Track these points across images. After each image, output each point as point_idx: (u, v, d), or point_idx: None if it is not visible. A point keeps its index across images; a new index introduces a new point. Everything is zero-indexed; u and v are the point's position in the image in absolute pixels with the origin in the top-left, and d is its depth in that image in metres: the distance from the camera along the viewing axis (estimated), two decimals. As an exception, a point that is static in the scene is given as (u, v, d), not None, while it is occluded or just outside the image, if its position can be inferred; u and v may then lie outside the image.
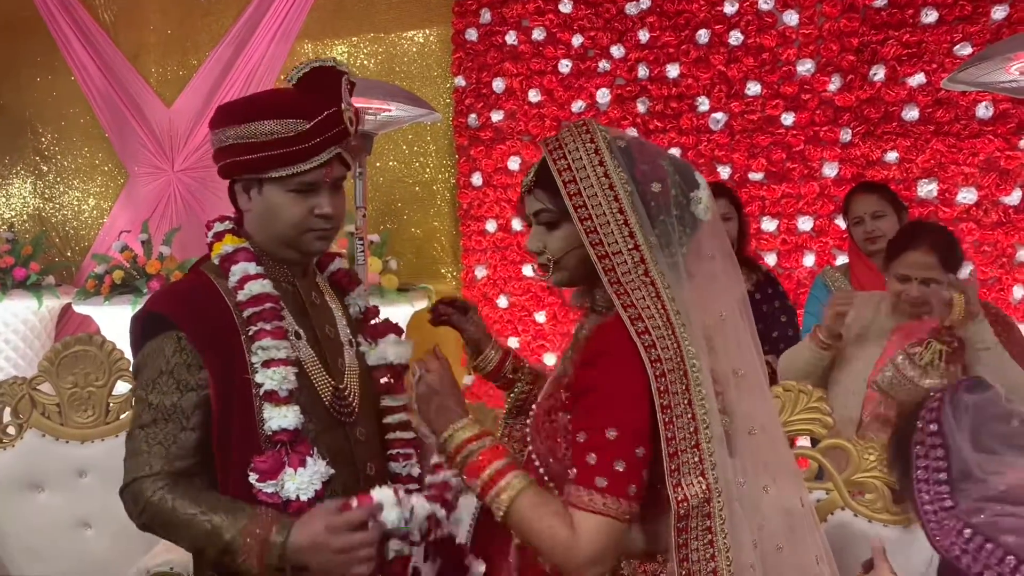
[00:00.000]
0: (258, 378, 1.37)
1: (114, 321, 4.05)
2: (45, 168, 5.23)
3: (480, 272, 4.52)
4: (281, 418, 1.38)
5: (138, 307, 3.97)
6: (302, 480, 1.36)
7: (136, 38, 5.01)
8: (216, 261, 1.46)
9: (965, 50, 3.67)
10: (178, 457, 1.38)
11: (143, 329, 1.43)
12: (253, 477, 1.35)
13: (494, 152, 4.44)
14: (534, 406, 1.38)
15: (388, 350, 1.56)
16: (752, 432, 1.28)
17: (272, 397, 1.38)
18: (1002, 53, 2.63)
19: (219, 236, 1.49)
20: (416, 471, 1.57)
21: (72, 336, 2.69)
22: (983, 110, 3.69)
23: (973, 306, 2.24)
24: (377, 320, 1.63)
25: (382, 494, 1.30)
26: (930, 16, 3.74)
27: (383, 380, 1.57)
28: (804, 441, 2.44)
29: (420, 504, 1.34)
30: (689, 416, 1.20)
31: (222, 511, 1.33)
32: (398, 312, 4.13)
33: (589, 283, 1.34)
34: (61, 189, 5.22)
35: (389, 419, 1.57)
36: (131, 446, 1.41)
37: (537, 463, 1.34)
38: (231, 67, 4.76)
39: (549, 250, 1.34)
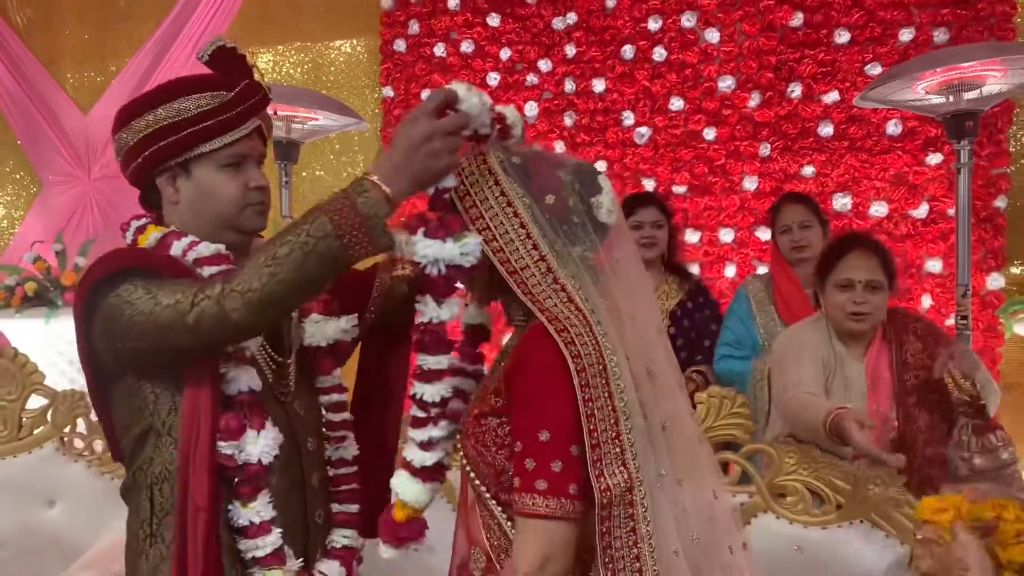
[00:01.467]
0: None
1: (27, 334, 3.90)
2: (-48, 176, 5.02)
3: (408, 283, 4.50)
4: (248, 379, 1.35)
5: (54, 321, 3.80)
6: (264, 444, 1.34)
7: (51, 42, 4.85)
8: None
9: (875, 69, 3.84)
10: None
11: (98, 297, 1.31)
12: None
13: (423, 163, 4.43)
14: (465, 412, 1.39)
15: (323, 328, 1.52)
16: (665, 427, 1.31)
17: (239, 355, 1.34)
18: (909, 73, 2.77)
19: (141, 230, 1.43)
20: (350, 454, 1.56)
21: (-18, 349, 2.59)
22: (893, 127, 3.86)
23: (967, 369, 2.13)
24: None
25: (453, 87, 1.25)
26: (843, 37, 3.90)
27: (318, 359, 1.54)
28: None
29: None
30: (610, 408, 1.22)
31: (287, 231, 1.23)
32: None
33: (506, 298, 1.36)
34: (-31, 198, 5.02)
35: (323, 399, 1.55)
36: (165, 310, 1.25)
37: (467, 466, 1.36)
38: (151, 74, 4.64)
39: None
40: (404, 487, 1.35)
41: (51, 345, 3.90)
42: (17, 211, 4.96)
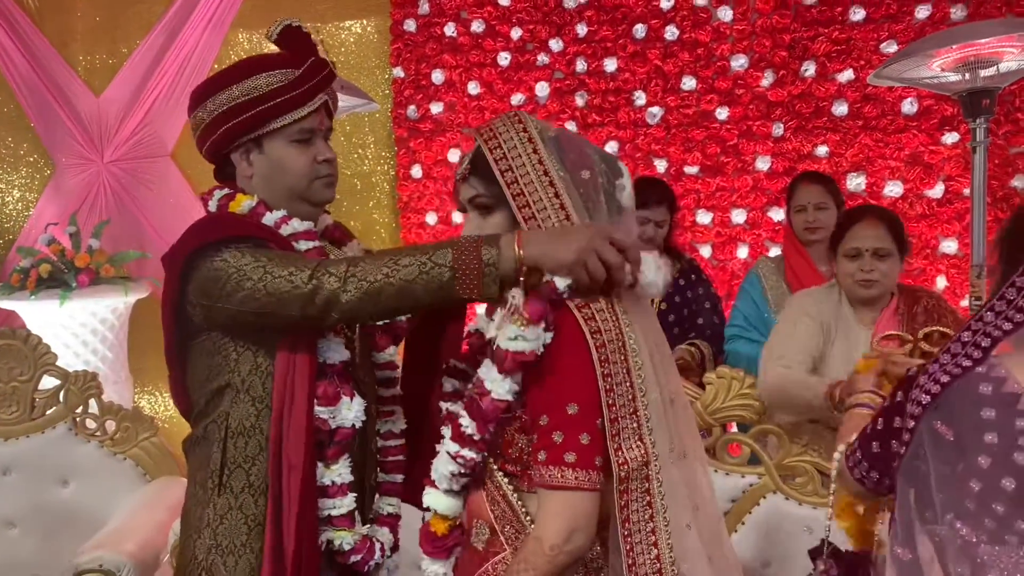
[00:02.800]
0: None
1: (41, 316, 3.93)
2: (-34, 159, 5.04)
3: (420, 265, 4.49)
4: (341, 350, 1.45)
5: (68, 303, 3.82)
6: (357, 409, 1.45)
7: (63, 25, 4.85)
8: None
9: (891, 47, 3.78)
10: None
11: (199, 257, 1.40)
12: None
13: (434, 144, 4.43)
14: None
15: None
16: (672, 402, 1.34)
17: (335, 328, 1.44)
18: (924, 50, 2.72)
19: (229, 197, 1.50)
20: (398, 427, 1.63)
21: (-5, 330, 2.62)
22: (908, 106, 3.81)
23: None
24: None
25: (645, 262, 1.32)
26: (858, 14, 3.85)
27: (375, 335, 1.61)
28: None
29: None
30: (628, 384, 1.25)
31: (416, 249, 1.32)
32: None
33: None
34: (-17, 180, 5.04)
35: (378, 374, 1.63)
36: (282, 274, 1.33)
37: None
38: (163, 56, 4.63)
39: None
40: (437, 501, 1.38)
41: (65, 327, 3.93)
42: (31, 193, 4.97)
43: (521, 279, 1.27)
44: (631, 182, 1.40)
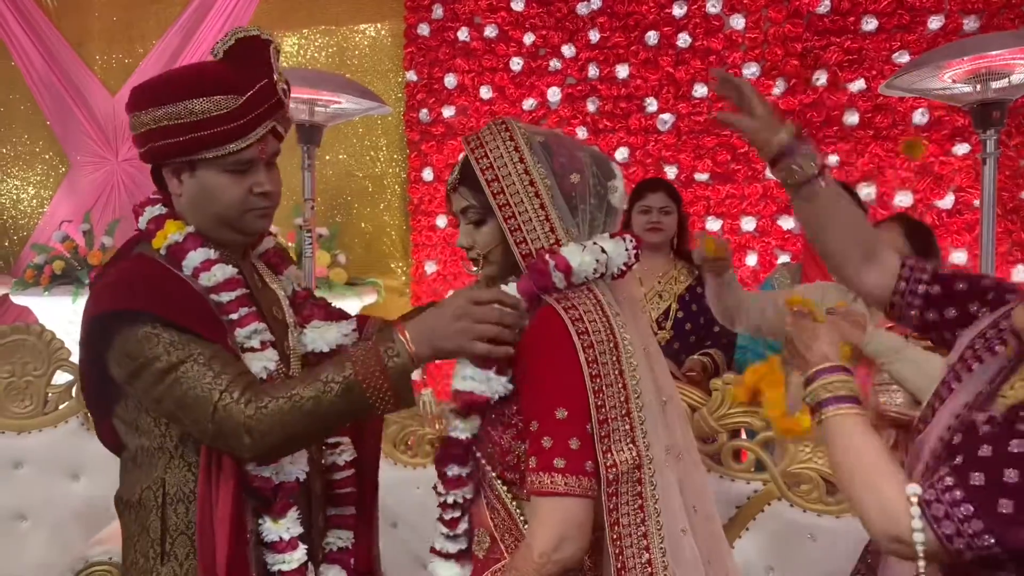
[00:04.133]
0: (249, 362, 1.34)
1: (54, 312, 3.97)
2: (-17, 155, 5.09)
3: (430, 267, 4.53)
4: None
5: (81, 299, 3.89)
6: (298, 463, 1.38)
7: (80, 24, 4.91)
8: (163, 251, 1.36)
9: (903, 58, 3.79)
10: (242, 370, 1.30)
11: (112, 327, 1.31)
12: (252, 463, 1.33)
13: (445, 148, 4.45)
14: None
15: (324, 334, 1.51)
16: (666, 403, 1.33)
17: (269, 379, 1.36)
18: (936, 61, 2.73)
19: (158, 222, 1.40)
20: (343, 459, 1.56)
21: (9, 325, 2.65)
22: (919, 116, 3.82)
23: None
24: (313, 303, 1.57)
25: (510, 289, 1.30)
26: (870, 24, 3.86)
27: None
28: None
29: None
30: (620, 386, 1.24)
31: (315, 379, 1.27)
32: (346, 307, 4.11)
33: (518, 275, 1.36)
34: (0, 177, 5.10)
35: None
36: (187, 395, 1.26)
37: (474, 448, 1.37)
38: (178, 56, 4.69)
39: (478, 245, 1.37)
40: (442, 570, 1.38)
41: (77, 323, 3.96)
42: (46, 191, 5.03)
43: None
44: (623, 183, 1.38)
